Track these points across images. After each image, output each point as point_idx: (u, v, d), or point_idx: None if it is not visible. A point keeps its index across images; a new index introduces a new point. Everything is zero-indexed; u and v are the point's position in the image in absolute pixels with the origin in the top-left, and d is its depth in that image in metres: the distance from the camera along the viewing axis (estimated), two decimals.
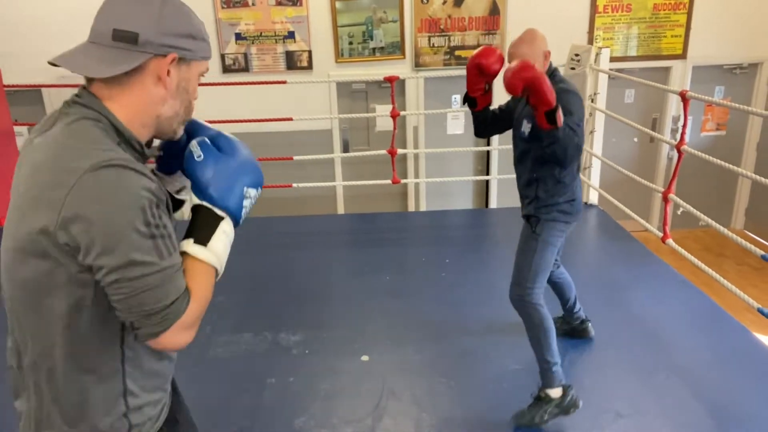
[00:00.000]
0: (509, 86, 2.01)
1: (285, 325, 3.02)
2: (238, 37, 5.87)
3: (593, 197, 4.72)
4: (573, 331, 2.85)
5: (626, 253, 3.86)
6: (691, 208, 3.32)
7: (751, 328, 2.96)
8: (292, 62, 5.96)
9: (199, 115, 1.29)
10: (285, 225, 4.73)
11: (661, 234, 3.47)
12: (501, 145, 5.50)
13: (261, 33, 5.86)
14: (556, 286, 2.79)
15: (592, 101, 4.31)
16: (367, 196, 6.39)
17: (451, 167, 6.42)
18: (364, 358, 2.73)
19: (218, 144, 1.14)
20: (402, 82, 6.00)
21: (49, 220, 0.91)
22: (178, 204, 1.22)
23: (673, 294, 3.31)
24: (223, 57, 5.94)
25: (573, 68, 4.25)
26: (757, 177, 2.77)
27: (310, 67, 5.98)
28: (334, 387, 2.51)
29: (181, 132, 1.16)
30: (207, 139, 1.14)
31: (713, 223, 3.11)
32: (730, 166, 2.99)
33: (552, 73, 2.29)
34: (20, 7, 5.72)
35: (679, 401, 2.37)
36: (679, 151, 3.29)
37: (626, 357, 2.69)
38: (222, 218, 1.09)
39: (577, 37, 5.87)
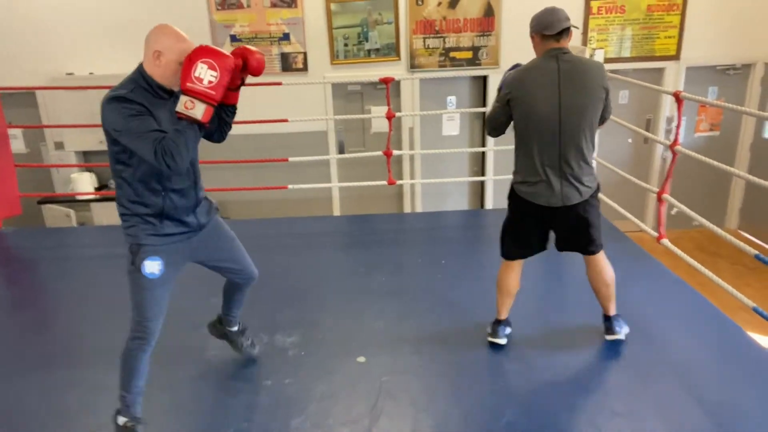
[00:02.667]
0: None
1: (281, 326, 3.01)
2: (233, 38, 5.86)
3: None
4: None
5: (621, 253, 3.87)
6: (686, 208, 3.33)
7: (746, 328, 2.97)
8: (287, 64, 5.96)
9: None
10: (281, 227, 4.72)
11: (655, 234, 3.49)
12: (497, 146, 5.51)
13: (256, 35, 5.86)
14: None
15: None
16: (363, 198, 6.40)
17: (447, 168, 6.43)
18: (361, 359, 2.72)
19: None
20: (397, 84, 6.01)
21: None
22: None
23: (668, 293, 3.33)
24: None
25: None
26: (751, 177, 2.78)
27: (305, 68, 5.98)
28: (331, 388, 2.51)
29: None
30: None
31: (707, 223, 3.13)
32: (724, 166, 3.01)
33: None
34: (14, 11, 5.70)
35: (674, 400, 2.38)
36: (673, 152, 3.31)
37: (621, 356, 2.70)
38: None
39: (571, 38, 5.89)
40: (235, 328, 2.65)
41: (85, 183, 5.76)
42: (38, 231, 5.22)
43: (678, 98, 3.23)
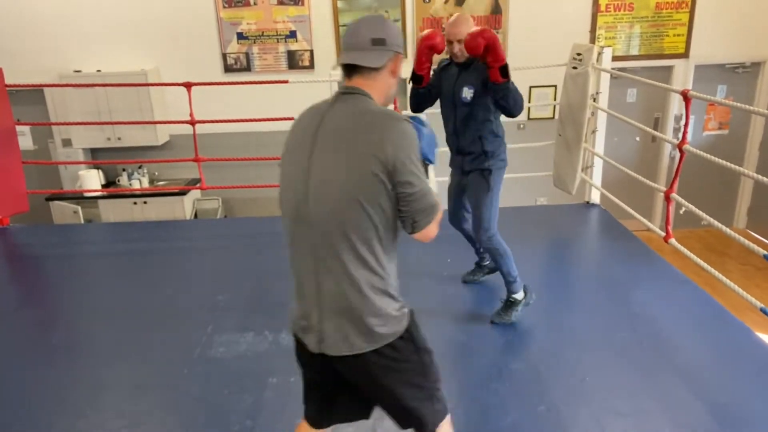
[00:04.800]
0: (473, 46, 2.46)
1: (286, 324, 2.99)
2: (240, 36, 5.87)
3: (595, 196, 4.71)
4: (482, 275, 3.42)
5: (628, 253, 3.85)
6: (694, 208, 3.31)
7: (754, 328, 2.95)
8: (293, 62, 5.96)
9: (202, 114, 1.30)
10: None
11: (663, 233, 3.46)
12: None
13: (263, 32, 5.87)
14: (468, 235, 3.25)
15: (594, 100, 4.30)
16: None
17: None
18: None
19: (414, 120, 1.59)
20: (403, 81, 5.99)
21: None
22: None
23: (675, 293, 3.30)
24: (224, 56, 5.94)
25: (575, 67, 4.24)
26: (760, 176, 2.76)
27: (311, 66, 5.98)
28: None
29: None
30: (411, 119, 1.56)
31: (716, 222, 3.10)
32: (733, 165, 2.98)
33: None
34: (22, 8, 5.73)
35: (681, 401, 2.36)
36: (681, 151, 3.28)
37: (628, 356, 2.68)
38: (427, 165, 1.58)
39: (579, 36, 5.86)
40: (487, 262, 3.37)
41: (92, 180, 5.78)
42: (46, 228, 5.25)
43: (686, 97, 3.20)
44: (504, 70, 2.50)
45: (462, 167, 2.96)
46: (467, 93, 2.76)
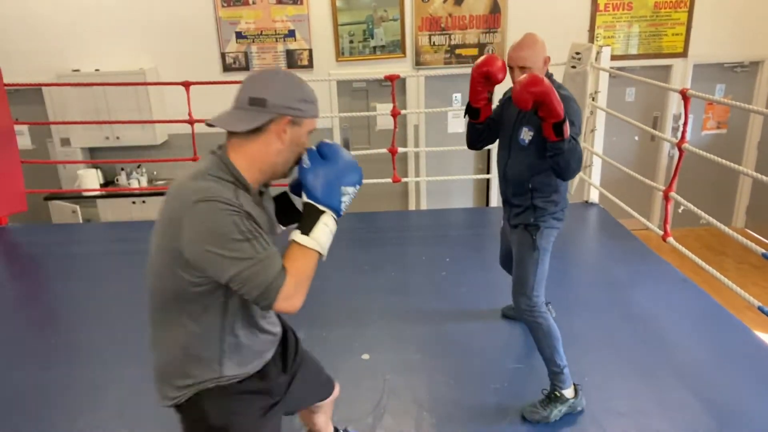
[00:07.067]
0: (519, 101, 1.99)
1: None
2: (239, 35, 5.86)
3: (594, 195, 4.71)
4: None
5: (627, 252, 3.86)
6: (692, 207, 3.31)
7: (752, 327, 2.96)
8: (292, 61, 5.95)
9: (200, 114, 1.32)
10: None
11: (661, 232, 3.47)
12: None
13: (261, 32, 5.86)
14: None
15: (593, 100, 4.30)
16: (368, 195, 6.36)
17: (452, 166, 6.42)
18: (365, 356, 2.72)
19: (322, 152, 1.41)
20: (403, 81, 6.00)
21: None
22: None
23: (673, 292, 3.31)
24: (223, 56, 5.93)
25: (574, 67, 4.24)
26: (758, 175, 2.76)
27: (310, 65, 5.98)
28: None
29: (291, 174, 1.48)
30: (314, 148, 1.42)
31: (714, 221, 3.11)
32: (731, 164, 2.99)
33: (550, 78, 2.22)
34: (21, 7, 5.72)
35: (680, 400, 2.37)
36: (680, 150, 3.29)
37: (627, 355, 2.69)
38: (323, 212, 1.38)
39: (577, 35, 5.86)
40: None
41: (91, 179, 5.78)
42: (44, 227, 5.25)
43: (685, 96, 3.21)
44: (558, 128, 2.01)
45: (509, 220, 2.47)
46: (526, 135, 2.27)
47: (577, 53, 4.19)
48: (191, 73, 5.35)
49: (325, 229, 1.38)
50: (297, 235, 1.37)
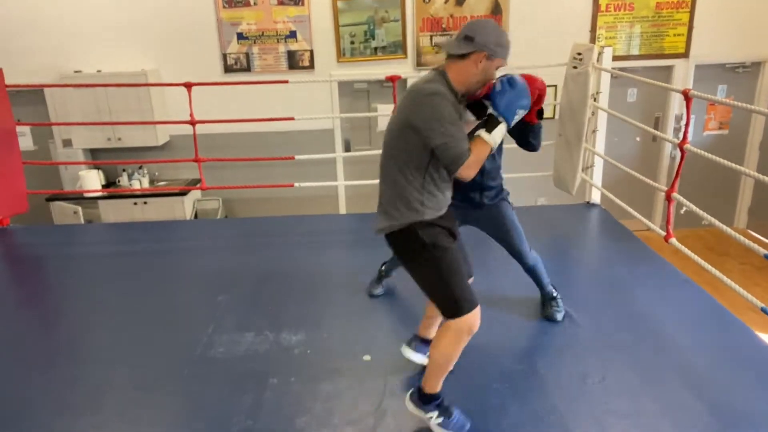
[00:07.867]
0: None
1: (286, 324, 3.01)
2: (240, 36, 5.87)
3: (596, 196, 4.70)
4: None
5: (628, 252, 3.85)
6: (694, 207, 3.30)
7: (755, 328, 2.95)
8: (293, 62, 5.96)
9: (202, 114, 1.30)
10: (287, 225, 4.72)
11: (663, 233, 3.46)
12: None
13: (263, 33, 5.87)
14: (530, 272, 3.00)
15: (595, 100, 4.29)
16: (369, 196, 6.37)
17: None
18: (366, 357, 2.72)
19: (510, 82, 2.07)
20: (404, 82, 5.99)
21: None
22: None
23: (675, 293, 3.30)
24: (224, 57, 5.94)
25: (575, 67, 4.23)
26: (760, 176, 2.75)
27: (311, 66, 5.98)
28: (336, 387, 2.51)
29: (479, 92, 2.14)
30: (504, 79, 2.08)
31: (716, 222, 3.10)
32: (733, 165, 2.98)
33: None
34: (23, 8, 5.73)
35: (682, 401, 2.36)
36: (681, 150, 3.28)
37: (628, 356, 2.68)
38: (501, 122, 2.07)
39: (579, 35, 5.86)
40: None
41: (92, 180, 5.79)
42: (46, 228, 5.25)
43: (687, 96, 3.20)
44: (540, 112, 2.48)
45: (481, 204, 2.82)
46: None
47: (579, 54, 4.19)
48: (193, 74, 5.37)
49: (499, 132, 2.07)
50: (483, 132, 2.05)
